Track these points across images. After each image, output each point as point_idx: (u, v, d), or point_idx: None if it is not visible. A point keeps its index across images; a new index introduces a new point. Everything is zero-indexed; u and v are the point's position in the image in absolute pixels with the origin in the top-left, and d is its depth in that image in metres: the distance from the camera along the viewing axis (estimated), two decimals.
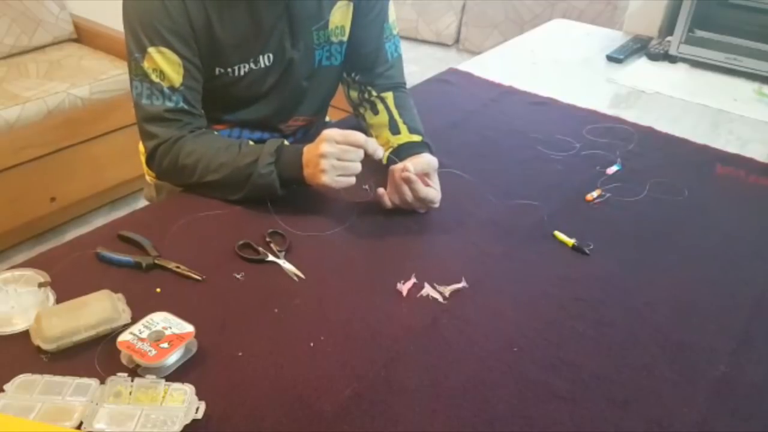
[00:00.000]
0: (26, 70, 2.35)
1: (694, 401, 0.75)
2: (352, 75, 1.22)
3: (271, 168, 0.99)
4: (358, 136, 0.96)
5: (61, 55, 2.49)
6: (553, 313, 0.87)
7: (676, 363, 0.80)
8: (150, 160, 1.07)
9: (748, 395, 0.77)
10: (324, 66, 1.17)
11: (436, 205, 1.04)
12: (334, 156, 0.95)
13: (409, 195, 1.01)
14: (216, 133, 1.10)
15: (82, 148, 2.28)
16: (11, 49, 2.43)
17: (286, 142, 1.02)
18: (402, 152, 1.06)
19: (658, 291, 0.92)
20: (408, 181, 0.99)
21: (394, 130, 1.13)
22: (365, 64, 1.20)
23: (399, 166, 1.00)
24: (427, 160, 1.03)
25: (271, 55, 1.09)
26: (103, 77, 2.33)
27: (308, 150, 0.98)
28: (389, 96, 1.19)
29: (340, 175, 0.95)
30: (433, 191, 1.02)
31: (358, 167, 0.96)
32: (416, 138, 1.10)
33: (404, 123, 1.13)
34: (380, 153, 0.98)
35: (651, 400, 0.75)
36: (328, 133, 0.95)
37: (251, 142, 1.04)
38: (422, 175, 1.02)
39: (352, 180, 0.97)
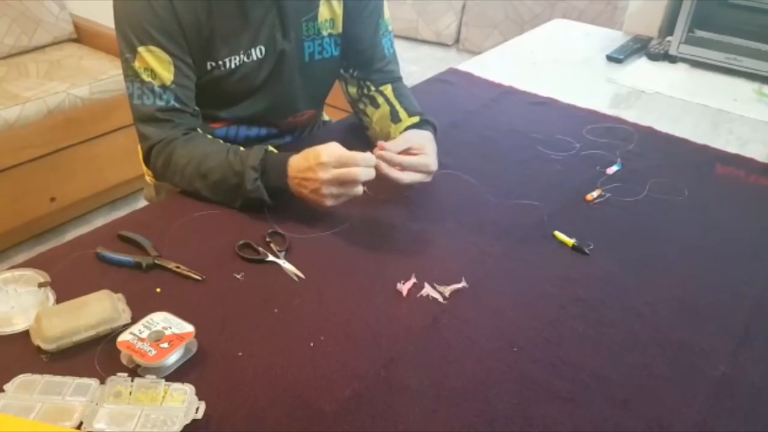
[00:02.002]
0: (26, 70, 2.35)
1: (694, 401, 0.75)
2: (350, 71, 1.23)
3: (257, 184, 0.98)
4: (356, 157, 0.93)
5: (61, 55, 2.49)
6: (553, 313, 0.87)
7: (676, 363, 0.80)
8: (146, 160, 1.09)
9: (748, 395, 0.77)
10: (317, 60, 1.18)
11: (433, 168, 1.03)
12: (334, 183, 0.93)
13: (395, 174, 0.99)
14: (209, 136, 1.09)
15: (82, 148, 2.28)
16: (11, 49, 2.43)
17: (271, 148, 1.01)
18: None
19: (658, 291, 0.92)
20: (384, 159, 0.98)
21: (395, 119, 1.14)
22: (363, 60, 1.21)
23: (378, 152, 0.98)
24: (407, 136, 1.03)
25: (263, 48, 1.10)
26: (103, 77, 2.33)
27: (303, 170, 0.95)
28: (388, 88, 1.20)
29: (342, 196, 0.95)
30: (422, 158, 1.01)
31: (359, 191, 0.94)
32: (415, 119, 1.12)
33: (404, 109, 1.15)
34: (372, 174, 0.95)
35: (651, 400, 0.75)
36: (324, 159, 0.92)
37: (242, 148, 1.03)
38: (408, 150, 1.01)
39: (347, 198, 0.97)
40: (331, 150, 0.93)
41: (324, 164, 0.92)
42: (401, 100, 1.18)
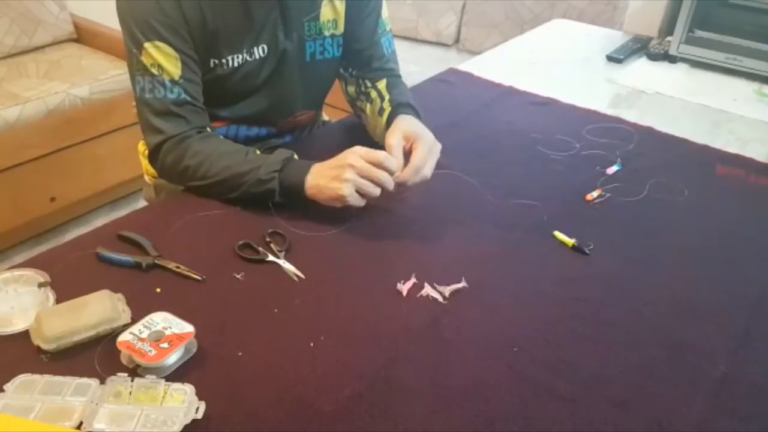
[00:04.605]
0: (26, 70, 2.35)
1: (694, 401, 0.75)
2: (350, 70, 1.23)
3: (274, 176, 0.99)
4: (381, 155, 0.95)
5: (61, 55, 2.49)
6: (553, 313, 0.87)
7: (676, 363, 0.80)
8: (153, 156, 1.07)
9: (748, 395, 0.77)
10: (318, 60, 1.18)
11: (433, 144, 1.03)
12: (359, 171, 0.94)
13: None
14: (222, 137, 1.10)
15: (82, 148, 2.28)
16: (11, 49, 2.43)
17: (296, 156, 1.02)
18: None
19: (658, 291, 0.92)
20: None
21: (381, 111, 1.14)
22: (362, 59, 1.21)
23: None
24: (393, 145, 1.01)
25: (265, 47, 1.10)
26: (103, 77, 2.33)
27: (326, 164, 0.98)
28: (382, 82, 1.20)
29: (356, 191, 0.95)
30: (422, 151, 1.00)
31: (377, 191, 0.95)
32: (393, 105, 1.12)
33: (389, 99, 1.15)
34: (391, 185, 0.97)
35: (651, 400, 0.75)
36: (356, 147, 0.96)
37: (258, 152, 1.04)
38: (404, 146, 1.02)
39: (363, 201, 0.97)
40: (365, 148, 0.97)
41: (355, 152, 0.95)
42: (392, 93, 1.17)
